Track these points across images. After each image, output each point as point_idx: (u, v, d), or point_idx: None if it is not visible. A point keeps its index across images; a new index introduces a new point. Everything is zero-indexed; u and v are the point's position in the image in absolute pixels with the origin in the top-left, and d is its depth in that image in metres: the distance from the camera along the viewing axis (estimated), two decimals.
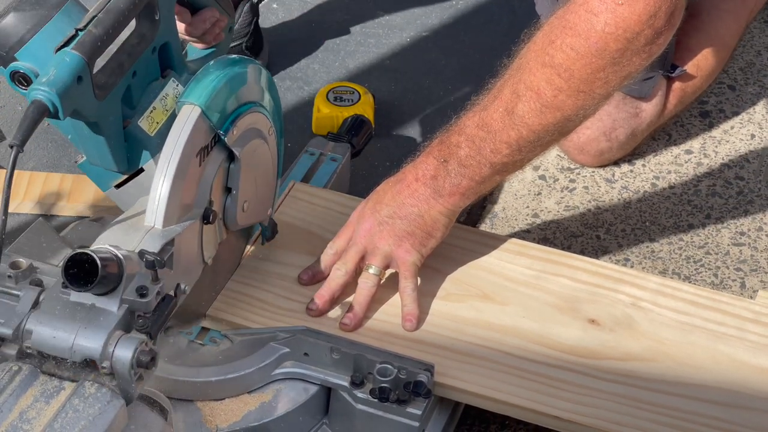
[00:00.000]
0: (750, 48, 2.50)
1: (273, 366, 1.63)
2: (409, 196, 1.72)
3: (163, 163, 1.50)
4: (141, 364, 1.35)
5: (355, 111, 2.23)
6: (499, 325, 1.72)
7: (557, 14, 1.62)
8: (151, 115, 1.59)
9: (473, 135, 1.68)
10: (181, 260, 1.53)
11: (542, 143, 1.67)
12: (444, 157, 1.70)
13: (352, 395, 1.61)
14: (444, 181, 1.70)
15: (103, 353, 1.34)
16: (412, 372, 1.58)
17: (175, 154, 1.50)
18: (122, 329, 1.36)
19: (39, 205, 2.13)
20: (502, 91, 1.66)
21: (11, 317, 1.36)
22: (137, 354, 1.34)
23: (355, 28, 2.58)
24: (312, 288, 1.74)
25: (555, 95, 1.61)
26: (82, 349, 1.34)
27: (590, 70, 1.59)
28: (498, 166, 1.69)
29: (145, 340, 1.36)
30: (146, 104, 1.59)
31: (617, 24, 1.56)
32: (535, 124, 1.64)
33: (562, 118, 1.63)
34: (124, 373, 1.35)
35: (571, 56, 1.59)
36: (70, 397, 1.31)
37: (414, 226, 1.72)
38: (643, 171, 2.25)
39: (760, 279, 2.05)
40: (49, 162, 2.24)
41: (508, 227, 2.12)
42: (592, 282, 1.78)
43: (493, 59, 2.48)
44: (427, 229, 1.72)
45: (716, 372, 1.68)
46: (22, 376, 1.33)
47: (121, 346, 1.34)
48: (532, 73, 1.62)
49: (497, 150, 1.67)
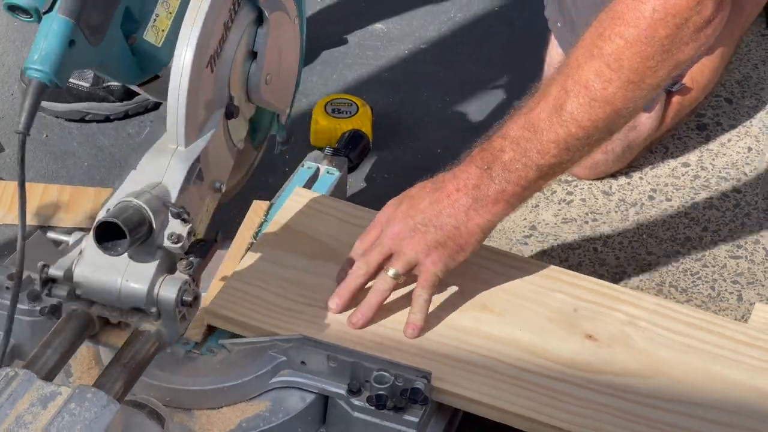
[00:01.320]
0: (747, 61, 2.51)
1: (270, 375, 1.63)
2: (449, 206, 1.68)
3: (177, 74, 1.47)
4: (185, 303, 1.44)
5: (353, 123, 2.24)
6: (497, 335, 1.72)
7: (605, 9, 1.62)
8: (155, 24, 1.55)
9: (518, 137, 1.65)
10: (211, 166, 1.54)
11: (590, 141, 1.65)
12: (487, 163, 1.67)
13: (349, 403, 1.61)
14: (488, 189, 1.67)
15: (149, 297, 1.43)
16: (408, 379, 1.58)
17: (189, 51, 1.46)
18: (166, 271, 1.44)
19: (37, 217, 2.12)
20: (548, 90, 1.64)
21: (62, 261, 1.45)
22: (181, 294, 1.43)
23: (353, 40, 2.59)
24: (314, 290, 1.74)
25: (605, 87, 1.60)
26: (129, 297, 1.43)
27: (640, 59, 1.58)
28: (544, 169, 1.66)
29: (188, 280, 1.44)
30: (148, 14, 1.54)
31: (666, 9, 1.55)
32: (584, 120, 1.61)
33: (612, 111, 1.62)
34: (169, 312, 1.43)
35: (620, 45, 1.58)
36: (66, 401, 1.31)
37: (447, 237, 1.68)
38: (640, 183, 2.25)
39: (757, 292, 2.05)
40: (48, 173, 2.25)
41: (505, 239, 2.12)
42: (590, 299, 1.78)
43: (491, 72, 2.51)
44: (460, 243, 1.69)
45: (711, 391, 1.68)
46: (18, 380, 1.33)
47: (166, 287, 1.43)
48: (581, 67, 1.61)
49: (544, 150, 1.64)
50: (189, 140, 1.49)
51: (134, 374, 1.45)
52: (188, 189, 1.47)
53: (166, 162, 1.47)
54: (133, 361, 1.45)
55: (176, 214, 1.41)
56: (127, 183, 1.46)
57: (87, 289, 1.44)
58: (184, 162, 1.48)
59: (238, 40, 1.56)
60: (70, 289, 1.45)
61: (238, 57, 1.58)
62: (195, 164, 1.48)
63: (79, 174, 2.25)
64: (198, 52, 1.46)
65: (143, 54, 1.54)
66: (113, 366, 1.44)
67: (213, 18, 1.48)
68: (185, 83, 1.46)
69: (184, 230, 1.42)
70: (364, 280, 1.71)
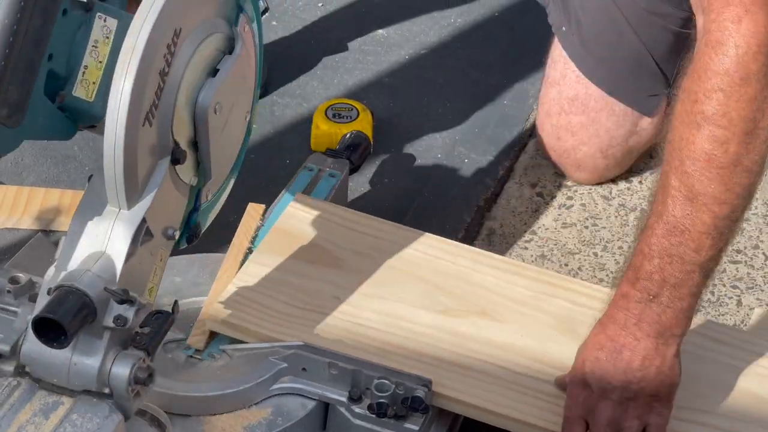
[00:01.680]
0: None
1: (271, 381, 1.64)
2: (639, 360, 1.56)
3: (111, 134, 1.31)
4: (138, 380, 1.35)
5: (353, 128, 2.24)
6: (498, 341, 1.72)
7: (687, 77, 1.52)
8: (85, 77, 1.38)
9: (666, 248, 1.52)
10: (160, 219, 1.41)
11: (737, 211, 1.52)
12: (648, 293, 1.55)
13: (350, 410, 1.61)
14: (664, 316, 1.55)
15: (100, 376, 1.34)
16: (409, 387, 1.58)
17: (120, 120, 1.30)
18: (119, 346, 1.35)
19: (38, 221, 2.13)
20: (667, 186, 1.52)
21: (9, 333, 1.36)
22: (134, 371, 1.34)
23: (354, 45, 2.59)
24: (315, 295, 1.75)
25: (725, 150, 1.48)
26: (79, 376, 1.34)
27: (745, 103, 1.47)
28: (705, 266, 1.53)
29: (142, 356, 1.35)
30: (76, 67, 1.37)
31: (747, 42, 1.46)
32: (721, 194, 1.49)
33: (743, 171, 1.49)
34: (121, 391, 1.34)
35: (720, 99, 1.47)
36: (68, 412, 1.32)
37: (657, 386, 1.57)
38: (640, 188, 2.26)
39: (756, 297, 2.05)
40: (49, 178, 2.25)
41: (505, 244, 2.13)
42: (589, 305, 1.78)
43: (491, 77, 2.52)
44: (670, 382, 1.58)
45: (711, 397, 1.69)
46: (20, 390, 1.33)
47: (118, 364, 1.34)
48: (690, 143, 1.49)
49: (699, 246, 1.51)
50: (131, 202, 1.35)
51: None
52: (136, 253, 1.37)
53: (108, 228, 1.35)
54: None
55: (119, 300, 1.33)
56: (67, 250, 1.36)
57: (34, 368, 1.36)
58: (128, 227, 1.36)
59: (182, 71, 1.39)
60: (16, 365, 1.37)
61: (183, 91, 1.40)
62: (141, 225, 1.36)
63: (80, 178, 2.25)
64: (132, 109, 1.30)
65: (74, 111, 1.38)
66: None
67: (145, 70, 1.30)
68: (120, 146, 1.31)
69: (131, 312, 1.33)
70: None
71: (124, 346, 1.36)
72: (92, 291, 1.31)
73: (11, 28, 1.26)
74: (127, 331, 1.35)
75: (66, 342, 1.29)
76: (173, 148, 1.39)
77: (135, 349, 1.36)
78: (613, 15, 2.11)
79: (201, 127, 1.43)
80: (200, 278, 1.81)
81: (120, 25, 1.38)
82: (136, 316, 1.33)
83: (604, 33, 2.13)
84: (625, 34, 2.11)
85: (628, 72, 2.16)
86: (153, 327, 1.36)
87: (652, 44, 2.12)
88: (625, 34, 2.11)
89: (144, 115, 1.32)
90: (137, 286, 1.39)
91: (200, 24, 1.39)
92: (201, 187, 1.50)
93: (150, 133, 1.35)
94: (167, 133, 1.38)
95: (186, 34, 1.36)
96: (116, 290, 1.32)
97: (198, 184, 1.49)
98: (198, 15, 1.39)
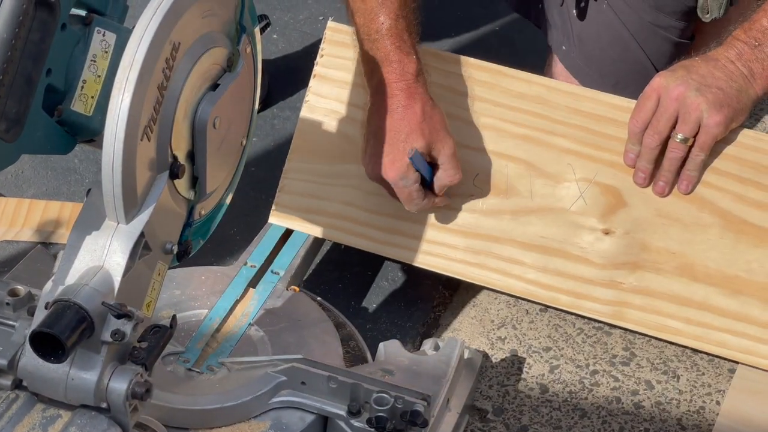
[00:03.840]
0: None
1: (270, 394, 1.64)
2: (729, 74, 1.72)
3: (109, 149, 1.30)
4: (136, 395, 1.35)
5: None
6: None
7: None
8: (83, 92, 1.38)
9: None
10: (158, 233, 1.41)
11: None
12: (756, 40, 1.71)
13: (349, 424, 1.61)
14: (762, 63, 1.71)
15: (98, 390, 1.34)
16: (408, 401, 1.58)
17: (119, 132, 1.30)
18: (116, 360, 1.36)
19: (38, 233, 2.13)
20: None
21: (7, 347, 1.36)
22: (132, 385, 1.35)
23: None
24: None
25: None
26: (76, 390, 1.34)
27: None
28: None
29: (140, 371, 1.36)
30: (74, 81, 1.38)
31: None
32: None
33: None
34: (118, 405, 1.34)
35: None
36: (66, 425, 1.32)
37: (732, 98, 1.72)
38: None
39: None
40: (49, 190, 2.25)
41: None
42: None
43: None
44: (740, 107, 1.73)
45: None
46: (19, 404, 1.33)
47: (116, 379, 1.34)
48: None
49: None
50: (129, 216, 1.35)
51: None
52: (134, 267, 1.37)
53: (106, 242, 1.36)
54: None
55: (117, 315, 1.33)
56: (65, 264, 1.36)
57: (31, 382, 1.36)
58: (127, 241, 1.36)
59: (181, 85, 1.38)
60: (14, 379, 1.37)
61: (183, 105, 1.40)
62: (139, 239, 1.36)
63: (80, 191, 2.25)
64: (130, 124, 1.29)
65: (72, 125, 1.39)
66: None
67: (143, 85, 1.30)
68: (119, 161, 1.30)
69: (128, 326, 1.33)
70: (659, 149, 1.75)
71: (122, 361, 1.36)
72: (90, 305, 1.31)
73: (10, 43, 1.26)
74: (125, 346, 1.35)
75: (63, 357, 1.29)
76: (171, 162, 1.40)
77: (132, 363, 1.36)
78: (618, 32, 2.12)
79: (199, 140, 1.43)
80: (199, 291, 1.81)
81: (119, 39, 1.38)
82: (133, 330, 1.33)
83: (608, 48, 2.14)
84: (631, 48, 2.13)
85: (632, 84, 2.16)
86: (151, 341, 1.36)
87: (655, 56, 2.14)
88: (630, 49, 2.13)
89: (142, 129, 1.32)
90: (135, 301, 1.39)
91: (200, 38, 1.39)
92: (195, 203, 1.50)
93: (148, 147, 1.35)
94: (166, 148, 1.38)
95: (185, 48, 1.36)
96: (114, 305, 1.32)
97: (194, 199, 1.49)
98: (197, 29, 1.39)
